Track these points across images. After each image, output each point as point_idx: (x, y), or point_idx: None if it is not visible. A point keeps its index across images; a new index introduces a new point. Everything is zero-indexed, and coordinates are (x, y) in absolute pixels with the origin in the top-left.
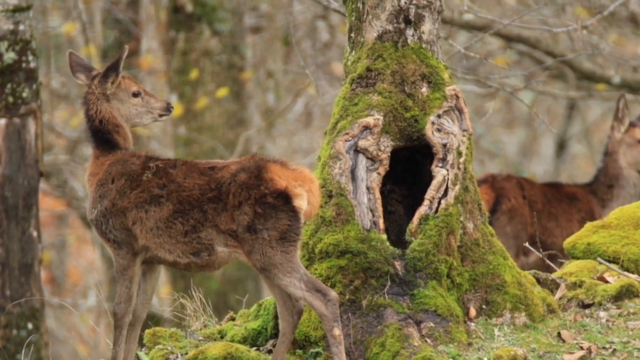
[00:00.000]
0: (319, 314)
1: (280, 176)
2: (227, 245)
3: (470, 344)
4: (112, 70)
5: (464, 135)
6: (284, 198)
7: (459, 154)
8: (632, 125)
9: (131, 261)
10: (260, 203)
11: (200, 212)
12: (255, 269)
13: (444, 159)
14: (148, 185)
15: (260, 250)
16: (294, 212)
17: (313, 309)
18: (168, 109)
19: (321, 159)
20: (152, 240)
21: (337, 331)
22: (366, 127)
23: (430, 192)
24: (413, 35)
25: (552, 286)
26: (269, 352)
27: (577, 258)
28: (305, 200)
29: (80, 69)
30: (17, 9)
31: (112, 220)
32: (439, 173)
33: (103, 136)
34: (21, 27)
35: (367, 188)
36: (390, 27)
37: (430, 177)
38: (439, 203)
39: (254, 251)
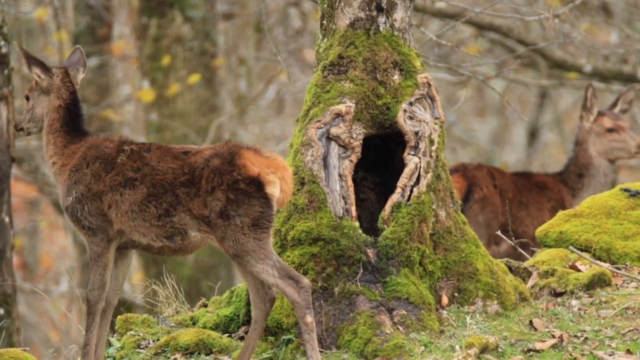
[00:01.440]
0: (291, 301)
1: (253, 163)
2: (200, 231)
3: (442, 332)
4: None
5: (435, 123)
6: (257, 185)
7: (431, 141)
8: (600, 114)
9: (105, 248)
10: (232, 189)
11: (173, 196)
12: (228, 255)
13: (416, 147)
14: (123, 169)
15: (233, 237)
16: (266, 199)
17: (285, 296)
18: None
19: (293, 146)
20: (127, 224)
21: (309, 318)
22: (338, 115)
23: (402, 180)
24: (385, 23)
25: (524, 274)
26: (241, 338)
27: (549, 246)
28: (278, 188)
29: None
30: None
31: (87, 205)
32: (411, 161)
33: (79, 123)
34: None
35: (340, 175)
36: (362, 15)
37: (402, 165)
38: (411, 191)
39: (226, 237)
